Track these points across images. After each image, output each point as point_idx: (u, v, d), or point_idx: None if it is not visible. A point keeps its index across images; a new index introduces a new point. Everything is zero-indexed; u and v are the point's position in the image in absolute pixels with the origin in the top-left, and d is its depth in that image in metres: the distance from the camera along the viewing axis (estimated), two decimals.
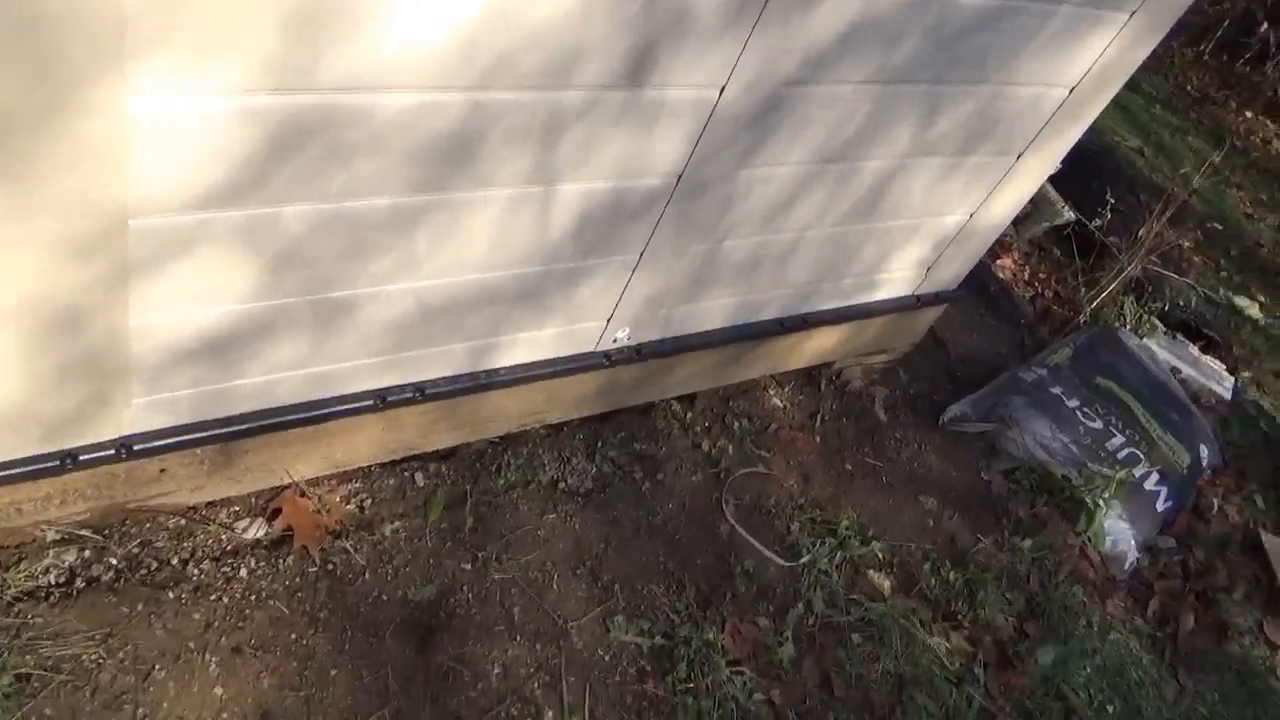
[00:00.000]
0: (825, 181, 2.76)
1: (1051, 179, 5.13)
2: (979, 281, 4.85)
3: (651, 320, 2.92)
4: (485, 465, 3.03)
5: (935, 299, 3.73)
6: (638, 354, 2.98)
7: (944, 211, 3.26)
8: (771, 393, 3.79)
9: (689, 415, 3.52)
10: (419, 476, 2.89)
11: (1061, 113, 2.98)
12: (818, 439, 3.74)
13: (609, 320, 2.81)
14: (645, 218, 2.49)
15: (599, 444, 3.27)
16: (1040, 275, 5.21)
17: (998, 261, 5.16)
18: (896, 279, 3.52)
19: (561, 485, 3.11)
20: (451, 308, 2.39)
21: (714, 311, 3.07)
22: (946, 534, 3.69)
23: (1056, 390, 4.23)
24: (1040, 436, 4.04)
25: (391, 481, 2.85)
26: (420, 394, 2.56)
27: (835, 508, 3.51)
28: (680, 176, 2.42)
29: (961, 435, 4.08)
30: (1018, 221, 5.35)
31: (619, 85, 2.02)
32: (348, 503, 2.75)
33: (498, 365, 2.70)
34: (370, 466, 2.83)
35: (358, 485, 2.79)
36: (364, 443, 2.67)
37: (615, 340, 2.91)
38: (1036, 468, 4.02)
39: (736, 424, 3.59)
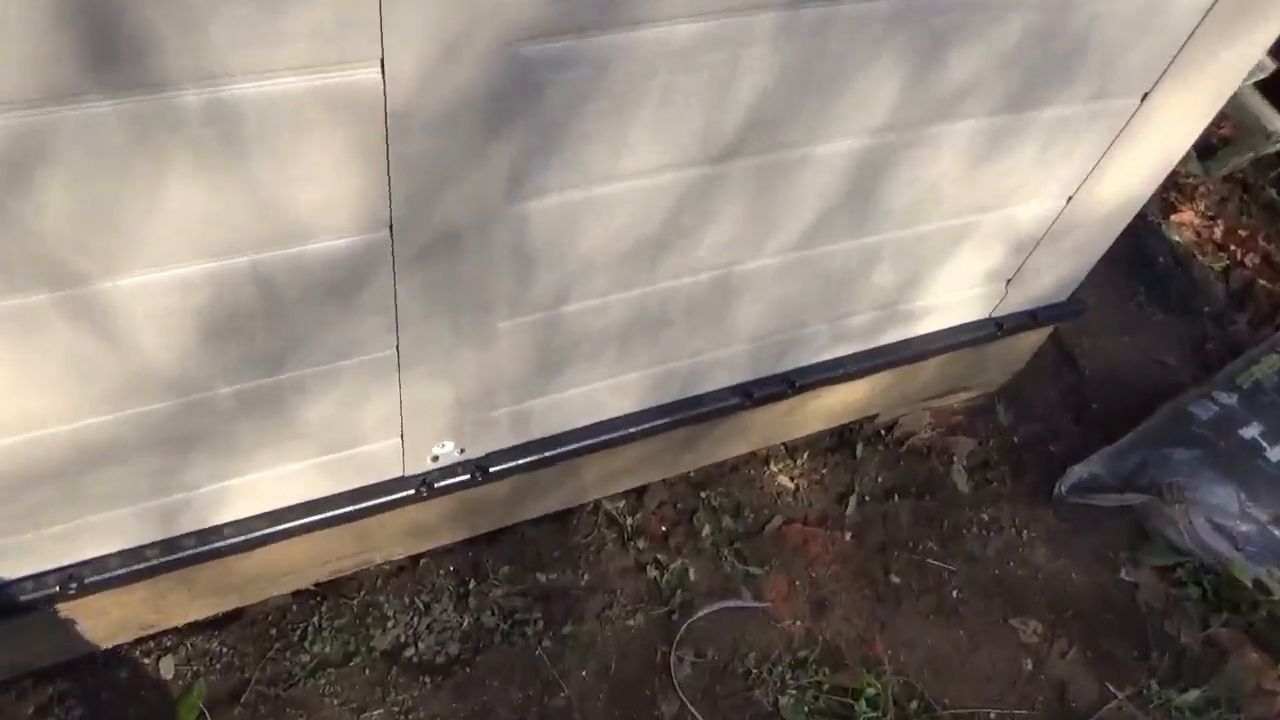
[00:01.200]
0: (740, 186, 1.52)
1: (1262, 86, 3.46)
2: (1139, 252, 3.33)
3: (486, 426, 1.81)
4: (285, 630, 2.05)
5: (1031, 320, 2.36)
6: (481, 473, 1.88)
7: (1010, 201, 1.90)
8: (775, 467, 2.57)
9: (633, 518, 2.38)
10: (168, 662, 1.95)
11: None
12: (847, 536, 2.50)
13: (402, 438, 1.73)
14: (362, 297, 1.38)
15: (477, 579, 2.21)
16: (1240, 233, 3.57)
17: (1172, 217, 3.56)
18: (954, 302, 2.20)
19: (408, 654, 2.08)
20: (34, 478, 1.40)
21: (602, 397, 1.91)
22: (1054, 685, 2.38)
23: (1252, 433, 2.73)
24: (1221, 513, 2.60)
25: (123, 674, 1.93)
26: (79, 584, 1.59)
27: (863, 658, 2.29)
28: (391, 226, 1.28)
29: (1089, 511, 2.70)
30: (1206, 154, 3.70)
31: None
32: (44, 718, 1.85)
33: (211, 523, 1.69)
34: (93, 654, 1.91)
35: (64, 685, 1.88)
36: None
37: (435, 459, 1.83)
38: (1213, 565, 2.60)
39: (710, 526, 2.41)
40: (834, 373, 2.18)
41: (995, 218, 1.94)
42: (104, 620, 1.83)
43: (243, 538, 1.72)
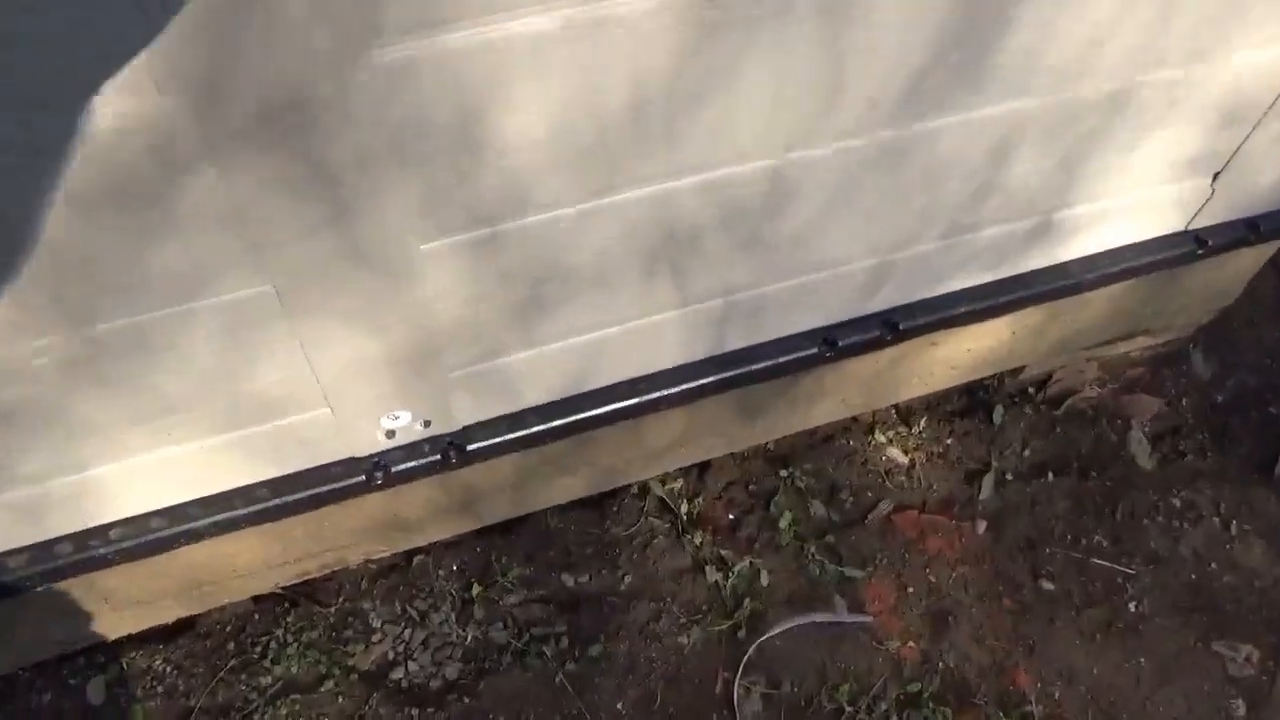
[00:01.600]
0: (784, 21, 0.95)
1: None
2: None
3: (453, 392, 1.32)
4: (244, 645, 1.65)
5: (1248, 234, 1.66)
6: (457, 452, 1.40)
7: (1221, 46, 1.24)
8: (883, 436, 1.97)
9: (690, 504, 1.85)
10: (97, 684, 1.58)
11: None
12: (981, 528, 1.89)
13: (331, 409, 1.26)
14: (176, 202, 0.90)
15: (485, 582, 1.74)
16: None
17: None
18: (1132, 207, 1.54)
19: (395, 677, 1.65)
20: None
21: (618, 349, 1.39)
22: None
23: None
24: None
25: (45, 698, 1.57)
26: None
27: (1000, 693, 1.70)
28: (178, 88, 0.79)
29: None
30: None
31: None
32: None
33: (93, 522, 1.28)
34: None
35: None
36: None
37: (390, 435, 1.36)
38: None
39: (792, 513, 1.86)
40: (954, 310, 1.57)
41: (1199, 73, 1.28)
42: (7, 636, 1.48)
43: (136, 541, 1.30)
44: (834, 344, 1.53)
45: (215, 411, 1.20)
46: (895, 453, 1.95)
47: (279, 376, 1.18)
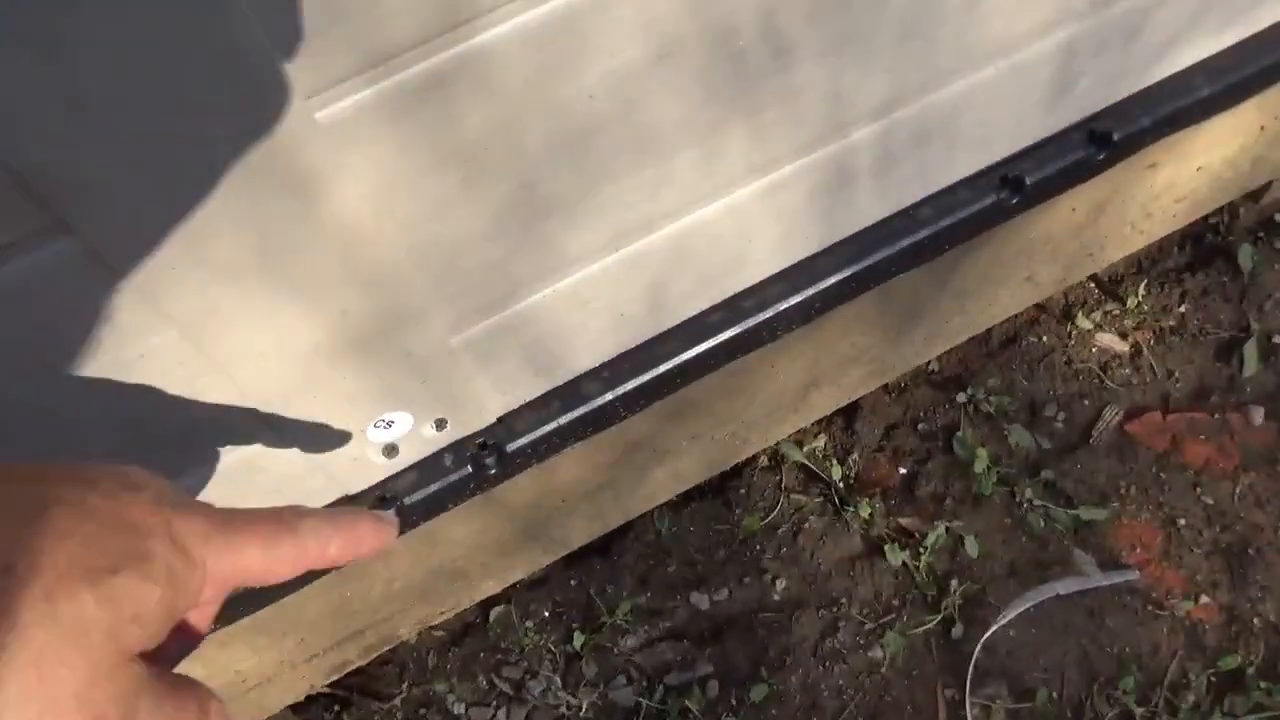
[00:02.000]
0: None
1: None
2: None
3: (468, 367, 0.85)
4: None
5: None
6: (496, 455, 0.93)
7: None
8: (1087, 321, 1.43)
9: (843, 466, 1.35)
10: None
11: None
12: (1255, 417, 1.33)
13: (275, 430, 0.81)
14: None
15: (590, 624, 1.27)
16: None
17: None
18: None
19: None
20: None
21: (685, 256, 0.90)
22: None
23: None
24: None
25: None
26: None
27: None
28: None
29: None
30: None
31: None
32: None
33: None
34: None
35: None
36: None
37: (391, 451, 0.90)
38: None
39: (989, 450, 1.33)
40: (1188, 99, 1.03)
41: None
42: None
43: None
44: (1019, 185, 1.00)
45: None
46: (1109, 339, 1.40)
47: (163, 393, 0.73)
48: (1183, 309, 1.41)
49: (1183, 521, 1.26)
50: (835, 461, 1.34)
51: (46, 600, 0.28)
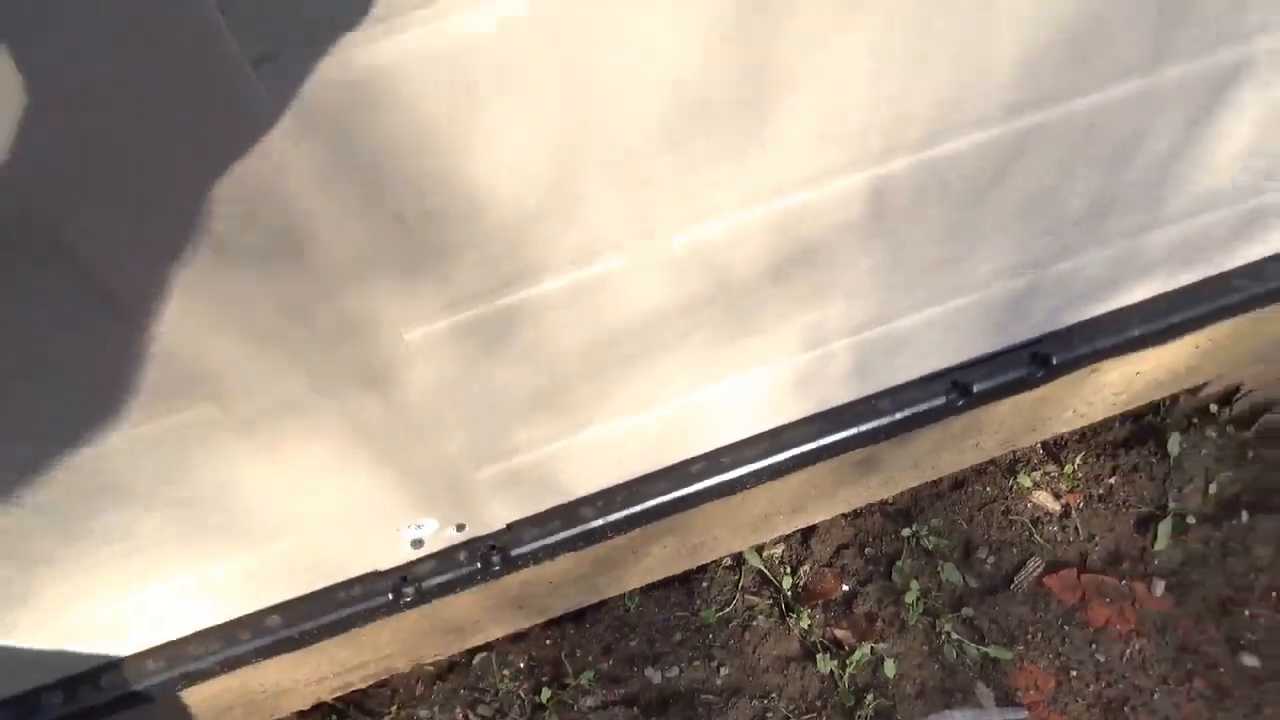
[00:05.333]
0: None
1: None
2: None
3: (486, 491, 1.06)
4: None
5: None
6: (500, 556, 1.14)
7: None
8: (1028, 479, 1.62)
9: (794, 576, 1.55)
10: None
11: None
12: (1158, 588, 1.53)
13: (333, 526, 1.02)
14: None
15: (557, 681, 1.48)
16: None
17: None
18: None
19: None
20: None
21: (685, 421, 1.10)
22: None
23: None
24: None
25: None
26: None
27: None
28: None
29: None
30: None
31: None
32: None
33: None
34: None
35: None
36: None
37: (418, 544, 1.11)
38: None
39: (920, 582, 1.53)
40: (1125, 334, 1.22)
41: None
42: None
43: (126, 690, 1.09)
44: (967, 390, 1.20)
45: (203, 538, 0.97)
46: (1044, 498, 1.60)
47: (262, 501, 0.93)
48: (1112, 480, 1.61)
49: (1075, 673, 1.46)
50: (788, 570, 1.54)
51: None
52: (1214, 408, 1.65)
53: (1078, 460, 1.62)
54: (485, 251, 0.75)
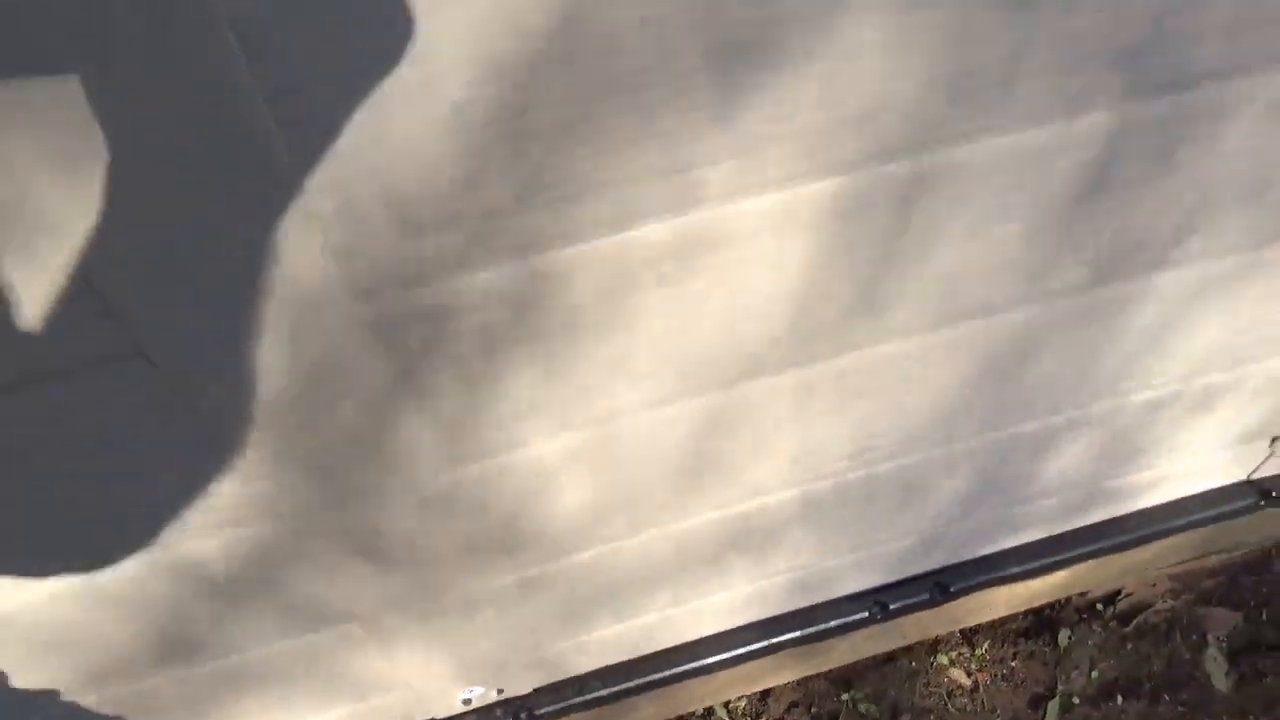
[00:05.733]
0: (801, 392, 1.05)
1: None
2: None
3: (527, 668, 1.43)
4: None
5: None
6: (528, 716, 1.50)
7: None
8: (945, 658, 2.00)
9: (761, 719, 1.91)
10: None
11: None
12: None
13: (405, 689, 1.39)
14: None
15: None
16: None
17: None
18: (1191, 471, 1.56)
19: None
20: None
21: (681, 627, 1.48)
22: None
23: None
24: None
25: None
26: None
27: None
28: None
29: None
30: None
31: None
32: None
33: None
34: None
35: None
36: None
37: (467, 702, 1.47)
38: None
39: None
40: (1006, 570, 1.61)
41: (1256, 371, 1.31)
42: None
43: None
44: (885, 607, 1.58)
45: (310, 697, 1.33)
46: (958, 674, 1.97)
47: (363, 676, 1.31)
48: (1014, 663, 1.98)
49: None
50: None
51: None
52: (1099, 605, 2.03)
53: (986, 645, 1.99)
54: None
